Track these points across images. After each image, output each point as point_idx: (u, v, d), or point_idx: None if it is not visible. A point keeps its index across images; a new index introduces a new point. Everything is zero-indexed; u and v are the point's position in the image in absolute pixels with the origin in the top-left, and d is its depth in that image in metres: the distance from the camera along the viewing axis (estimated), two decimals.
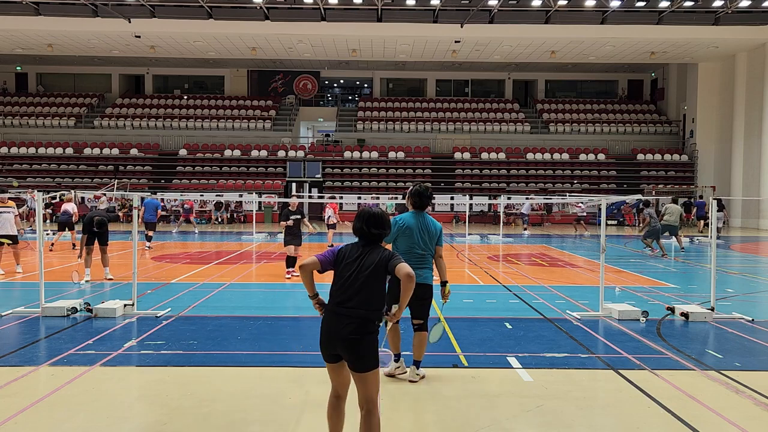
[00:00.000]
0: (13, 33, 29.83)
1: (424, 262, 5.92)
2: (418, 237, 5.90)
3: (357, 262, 4.01)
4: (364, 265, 3.98)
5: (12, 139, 37.99)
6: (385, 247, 4.16)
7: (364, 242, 4.12)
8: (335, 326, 3.88)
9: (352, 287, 3.93)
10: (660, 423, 4.97)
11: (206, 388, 5.65)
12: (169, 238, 22.80)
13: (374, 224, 4.11)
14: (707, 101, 35.69)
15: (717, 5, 27.83)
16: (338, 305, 3.91)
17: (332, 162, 37.02)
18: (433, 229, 5.98)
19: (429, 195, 6.12)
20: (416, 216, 6.01)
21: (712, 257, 9.32)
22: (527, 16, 29.13)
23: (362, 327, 3.86)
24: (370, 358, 3.89)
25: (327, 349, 3.95)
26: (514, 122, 39.79)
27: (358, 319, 3.86)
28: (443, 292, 5.97)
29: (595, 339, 7.61)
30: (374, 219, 4.14)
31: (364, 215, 4.17)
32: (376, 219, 4.14)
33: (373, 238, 4.11)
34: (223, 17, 29.18)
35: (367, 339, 3.87)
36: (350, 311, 3.87)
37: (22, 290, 10.98)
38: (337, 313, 3.90)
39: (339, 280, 4.00)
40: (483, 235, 24.66)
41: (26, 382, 5.79)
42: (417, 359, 5.96)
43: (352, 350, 3.85)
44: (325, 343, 3.94)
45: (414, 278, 3.88)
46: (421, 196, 6.05)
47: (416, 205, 6.06)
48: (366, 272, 3.95)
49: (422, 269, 5.86)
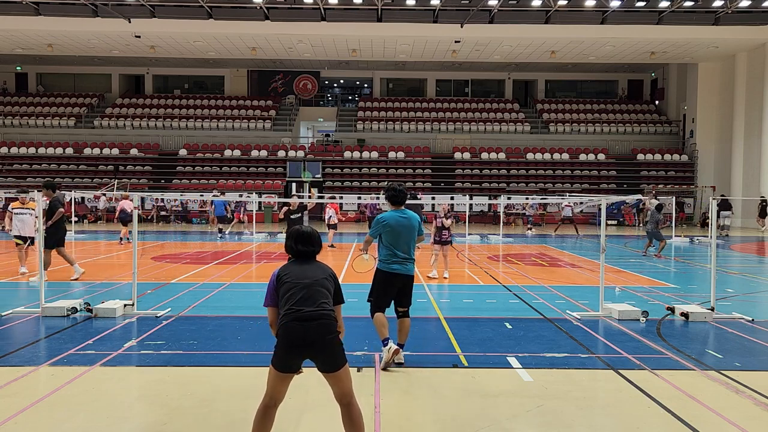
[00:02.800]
0: (13, 33, 29.82)
1: (409, 255, 6.37)
2: (397, 232, 6.33)
3: (301, 277, 4.09)
4: (308, 278, 4.08)
5: (12, 139, 37.98)
6: (321, 264, 4.26)
7: (300, 260, 4.22)
8: (303, 333, 3.90)
9: (306, 297, 3.99)
10: (660, 423, 4.97)
11: (206, 388, 5.65)
12: (211, 238, 22.77)
13: (302, 242, 4.22)
14: (707, 101, 35.68)
15: (717, 5, 27.82)
16: (298, 315, 3.94)
17: (332, 162, 37.01)
18: (414, 223, 6.41)
19: (403, 189, 6.49)
20: (396, 213, 6.41)
21: (712, 257, 9.32)
22: (527, 16, 29.12)
23: (328, 327, 3.96)
24: (341, 356, 4.01)
25: (292, 359, 3.97)
26: (514, 122, 39.79)
27: (322, 320, 3.94)
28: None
29: (595, 339, 7.61)
30: (302, 237, 4.25)
31: (293, 234, 4.28)
32: (304, 237, 4.24)
33: (303, 255, 4.22)
34: (223, 17, 29.17)
35: (333, 338, 3.98)
36: (310, 314, 3.92)
37: (22, 290, 10.98)
38: (299, 320, 3.92)
39: (289, 290, 4.04)
40: (483, 235, 24.66)
41: (26, 382, 5.79)
42: (401, 343, 6.36)
43: (325, 351, 3.94)
44: (292, 351, 3.94)
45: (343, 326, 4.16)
46: (396, 191, 6.44)
47: (393, 201, 6.46)
48: (314, 282, 4.06)
49: (406, 262, 6.33)
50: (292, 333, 3.91)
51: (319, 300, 3.99)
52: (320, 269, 4.17)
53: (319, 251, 4.31)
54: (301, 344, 3.91)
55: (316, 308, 3.95)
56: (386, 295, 6.39)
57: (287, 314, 3.96)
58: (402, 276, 6.35)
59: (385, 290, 6.39)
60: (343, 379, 4.03)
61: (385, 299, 6.40)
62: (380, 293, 6.39)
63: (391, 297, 6.41)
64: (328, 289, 4.09)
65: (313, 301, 3.97)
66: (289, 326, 3.93)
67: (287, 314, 3.96)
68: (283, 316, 3.98)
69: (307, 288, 4.01)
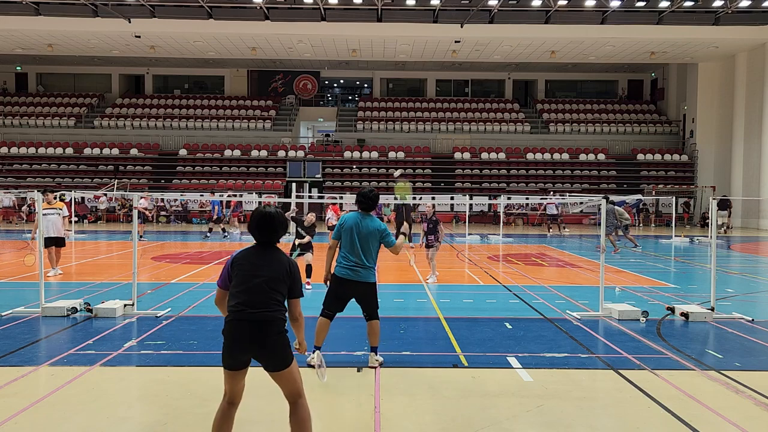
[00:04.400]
0: (13, 33, 29.82)
1: (361, 261, 6.15)
2: (355, 238, 6.16)
3: (254, 266, 3.90)
4: (262, 270, 3.88)
5: (12, 139, 37.97)
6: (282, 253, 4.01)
7: (259, 247, 4.00)
8: (248, 333, 3.79)
9: (252, 291, 3.84)
10: (660, 423, 4.97)
11: (206, 388, 5.65)
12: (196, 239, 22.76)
13: (261, 228, 3.96)
14: (707, 101, 35.67)
15: (717, 5, 27.82)
16: (243, 316, 3.81)
17: (332, 162, 37.01)
18: (372, 230, 6.18)
19: (372, 197, 6.30)
20: (358, 217, 6.26)
21: (712, 257, 9.32)
22: (527, 16, 29.12)
23: (273, 327, 3.80)
24: (285, 356, 3.87)
25: (235, 356, 3.86)
26: (514, 122, 39.79)
27: (264, 321, 3.80)
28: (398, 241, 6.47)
29: (595, 339, 7.61)
30: (262, 222, 3.96)
31: (254, 216, 3.99)
32: (264, 222, 3.96)
33: (262, 240, 3.98)
34: (223, 17, 29.17)
35: (278, 338, 3.82)
36: (254, 315, 3.79)
37: (22, 290, 10.98)
38: (241, 320, 3.81)
39: (238, 285, 3.89)
40: (483, 235, 24.66)
41: (26, 382, 5.79)
42: (373, 346, 6.33)
43: (268, 351, 3.83)
44: (234, 349, 3.84)
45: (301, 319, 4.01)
46: (364, 197, 6.29)
47: (360, 206, 6.31)
48: (265, 277, 3.86)
49: (357, 268, 6.14)
50: (236, 332, 3.81)
51: (267, 300, 3.82)
52: (278, 261, 3.91)
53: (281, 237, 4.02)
54: (245, 343, 3.81)
55: (262, 309, 3.80)
56: (336, 299, 6.23)
57: (233, 311, 3.84)
58: (351, 282, 6.14)
59: (334, 294, 6.24)
60: (290, 378, 3.93)
61: (335, 304, 6.24)
62: (329, 297, 6.26)
63: (342, 302, 6.25)
64: (280, 287, 3.88)
65: (260, 301, 3.81)
66: (234, 325, 3.82)
67: (233, 311, 3.84)
68: (230, 313, 3.86)
69: (257, 286, 3.83)
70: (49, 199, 12.13)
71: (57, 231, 12.26)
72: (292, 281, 3.94)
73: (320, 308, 6.36)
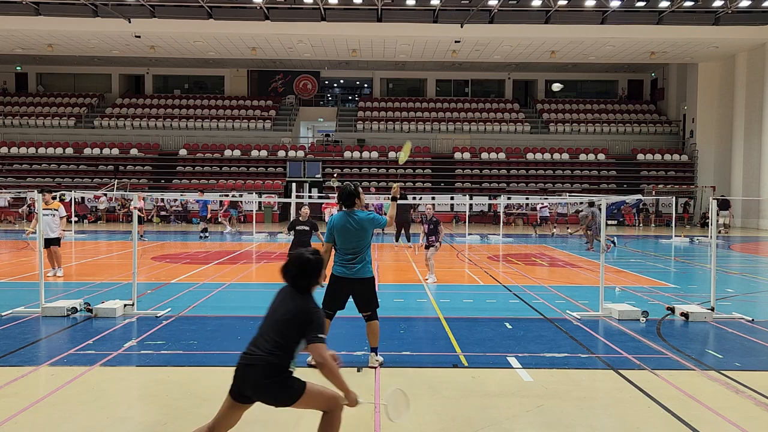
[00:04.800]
0: (13, 33, 29.82)
1: (356, 258, 6.19)
2: (344, 235, 6.21)
3: (270, 311, 3.88)
4: (278, 311, 3.84)
5: (12, 139, 37.97)
6: (309, 301, 3.85)
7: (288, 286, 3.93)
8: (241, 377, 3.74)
9: (258, 336, 3.81)
10: (660, 423, 4.97)
11: (206, 388, 5.65)
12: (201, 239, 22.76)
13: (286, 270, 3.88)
14: (707, 101, 35.67)
15: (717, 5, 27.82)
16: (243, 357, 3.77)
17: (332, 162, 37.01)
18: (360, 225, 6.22)
19: (351, 192, 6.34)
20: (344, 215, 6.30)
21: (712, 257, 9.31)
22: (527, 16, 29.12)
23: (264, 374, 3.69)
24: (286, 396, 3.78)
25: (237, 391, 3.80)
26: (514, 122, 39.79)
27: (252, 365, 3.71)
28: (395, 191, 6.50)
29: (595, 339, 7.61)
30: (295, 265, 3.86)
31: (291, 258, 3.93)
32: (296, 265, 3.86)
33: (290, 282, 3.88)
34: (223, 17, 29.17)
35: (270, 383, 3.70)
36: (251, 358, 3.73)
37: (22, 290, 10.98)
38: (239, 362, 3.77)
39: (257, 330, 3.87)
40: (483, 235, 24.66)
41: (26, 382, 5.79)
42: (373, 346, 6.35)
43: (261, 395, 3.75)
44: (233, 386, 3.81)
45: (325, 363, 3.73)
46: (347, 195, 6.35)
47: (344, 204, 6.37)
48: (277, 318, 3.81)
49: (355, 265, 6.17)
50: (236, 372, 3.78)
51: (266, 344, 3.72)
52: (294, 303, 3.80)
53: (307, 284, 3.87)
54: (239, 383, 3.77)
55: (259, 353, 3.72)
56: (335, 298, 6.25)
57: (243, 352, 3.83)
58: (347, 279, 6.16)
59: (332, 293, 6.26)
60: (308, 405, 3.88)
61: (334, 303, 6.25)
62: (328, 296, 6.27)
63: (341, 301, 6.26)
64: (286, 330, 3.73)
65: (261, 344, 3.75)
66: (238, 364, 3.80)
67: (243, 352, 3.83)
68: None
69: (264, 328, 3.81)
70: (46, 200, 12.09)
71: (51, 231, 12.26)
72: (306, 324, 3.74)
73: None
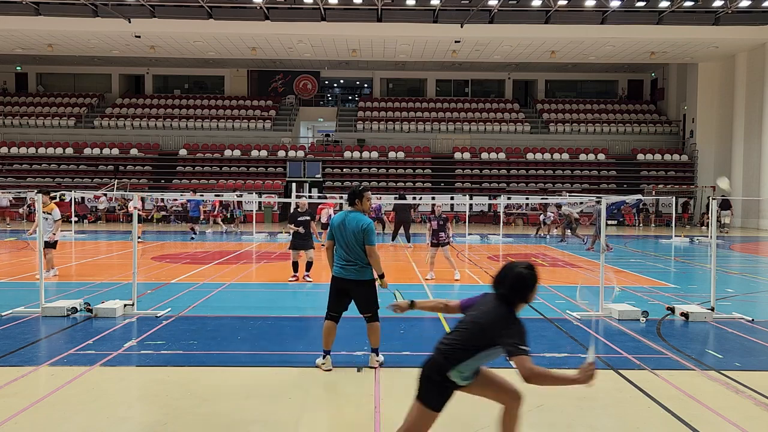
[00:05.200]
0: (13, 33, 29.82)
1: (350, 259, 6.17)
2: (340, 235, 6.22)
3: (472, 309, 3.83)
4: (476, 314, 3.76)
5: (12, 139, 37.97)
6: (507, 310, 3.67)
7: (493, 294, 3.80)
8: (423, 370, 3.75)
9: (453, 331, 3.78)
10: (660, 423, 4.97)
11: (206, 388, 5.65)
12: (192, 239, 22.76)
13: (504, 282, 3.72)
14: (707, 101, 35.67)
15: (717, 5, 27.82)
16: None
17: (332, 162, 37.01)
18: (355, 227, 6.17)
19: (353, 192, 6.36)
20: (343, 214, 6.31)
21: (712, 257, 9.31)
22: (527, 16, 29.12)
23: (437, 368, 3.69)
24: (433, 400, 3.77)
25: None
26: (514, 122, 39.79)
27: (431, 362, 3.74)
28: (381, 285, 6.34)
29: (595, 339, 7.61)
30: (503, 274, 3.72)
31: (506, 269, 3.76)
32: (505, 276, 3.71)
33: (499, 292, 3.73)
34: (223, 17, 29.17)
35: (431, 381, 3.70)
36: (432, 355, 3.77)
37: (22, 290, 10.98)
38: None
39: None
40: (483, 235, 24.66)
41: (26, 382, 5.79)
42: (374, 347, 6.37)
43: (421, 390, 3.78)
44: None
45: (536, 374, 3.51)
46: (349, 193, 6.39)
47: (347, 202, 6.40)
48: (469, 320, 3.76)
49: (347, 266, 6.17)
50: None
51: (452, 341, 3.76)
52: (496, 312, 3.72)
53: (515, 297, 3.70)
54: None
55: (445, 344, 3.81)
56: (335, 299, 6.26)
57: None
58: (342, 280, 6.18)
59: (333, 293, 6.28)
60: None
61: (335, 304, 6.26)
62: (329, 297, 6.31)
63: (341, 302, 6.27)
64: (473, 333, 3.72)
65: (442, 342, 3.81)
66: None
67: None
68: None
69: (461, 328, 3.85)
70: (44, 201, 12.13)
71: (44, 234, 12.19)
72: (500, 334, 3.59)
73: (321, 307, 6.36)
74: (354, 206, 6.34)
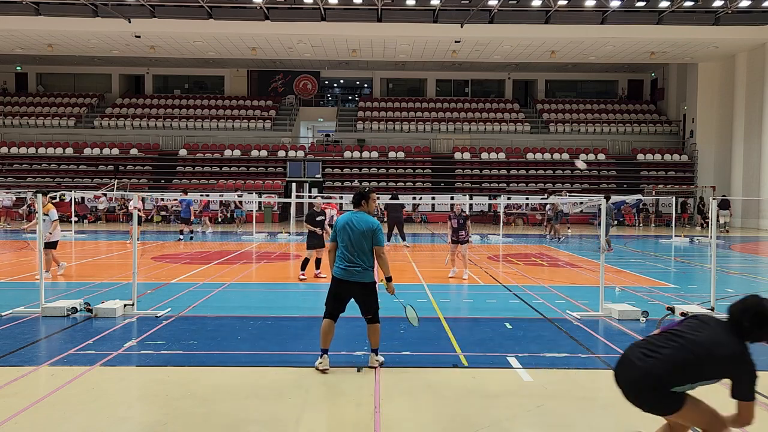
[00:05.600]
0: (13, 33, 29.82)
1: (355, 260, 6.14)
2: (346, 236, 6.18)
3: (689, 325, 3.74)
4: (700, 335, 3.61)
5: (12, 139, 37.98)
6: (747, 351, 3.51)
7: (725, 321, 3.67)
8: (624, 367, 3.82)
9: (658, 337, 3.82)
10: (660, 423, 4.96)
11: (206, 388, 5.65)
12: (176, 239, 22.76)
13: (747, 314, 3.60)
14: (707, 101, 35.67)
15: (717, 5, 27.82)
16: (639, 343, 3.84)
17: (332, 162, 37.02)
18: (363, 228, 6.16)
19: (359, 192, 6.36)
20: (350, 215, 6.28)
21: (712, 257, 9.31)
22: (527, 16, 29.12)
23: (647, 380, 3.69)
24: (667, 405, 3.77)
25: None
26: (514, 122, 39.79)
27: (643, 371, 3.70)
28: (387, 289, 6.32)
29: (595, 339, 7.61)
30: (753, 312, 3.60)
31: (748, 302, 3.67)
32: (754, 313, 3.58)
33: (736, 320, 3.61)
34: (223, 17, 29.17)
35: (652, 392, 3.70)
36: (644, 359, 3.73)
37: (22, 290, 10.98)
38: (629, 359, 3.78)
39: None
40: (483, 235, 24.66)
41: (26, 382, 5.79)
42: (374, 347, 6.34)
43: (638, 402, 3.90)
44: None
45: (750, 423, 3.45)
46: (355, 194, 6.39)
47: (352, 203, 6.39)
48: (692, 341, 3.60)
49: (353, 267, 6.14)
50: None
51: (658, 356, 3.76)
52: (730, 344, 3.58)
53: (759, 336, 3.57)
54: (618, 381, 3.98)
55: (651, 356, 3.83)
56: (334, 300, 6.24)
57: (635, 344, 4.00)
58: (345, 282, 6.14)
59: (332, 294, 6.26)
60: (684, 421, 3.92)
61: (334, 305, 6.23)
62: (328, 297, 6.28)
63: (340, 303, 6.24)
64: (701, 363, 3.57)
65: (654, 347, 3.82)
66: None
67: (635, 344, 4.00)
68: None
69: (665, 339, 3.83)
70: (44, 202, 12.13)
71: (43, 235, 12.19)
72: (731, 373, 3.50)
73: (322, 308, 6.36)
74: (360, 207, 6.33)
